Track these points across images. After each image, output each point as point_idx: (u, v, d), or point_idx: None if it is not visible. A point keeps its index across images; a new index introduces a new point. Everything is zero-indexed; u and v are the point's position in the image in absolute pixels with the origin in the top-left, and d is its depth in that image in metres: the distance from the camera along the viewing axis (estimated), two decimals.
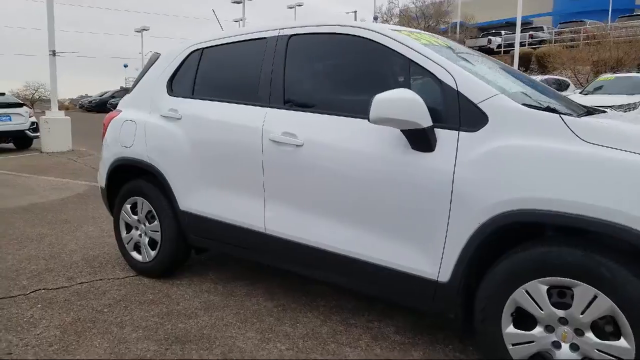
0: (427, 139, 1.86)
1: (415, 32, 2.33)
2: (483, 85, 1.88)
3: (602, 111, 2.33)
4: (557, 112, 1.76)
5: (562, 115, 1.73)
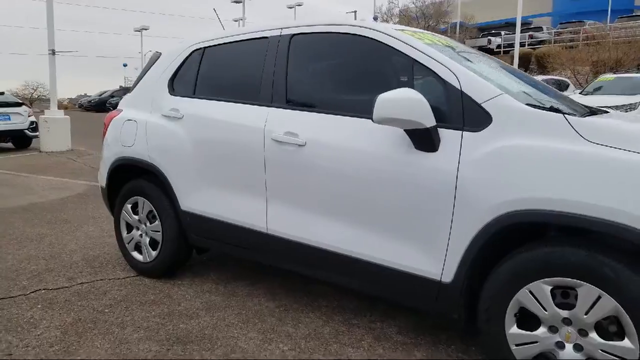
0: (431, 139, 1.85)
1: (418, 32, 2.33)
2: (487, 85, 1.87)
3: (605, 111, 2.32)
4: (561, 112, 1.76)
5: (566, 115, 1.73)
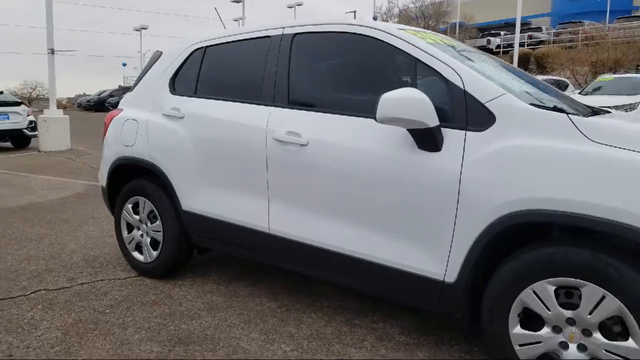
0: (434, 139, 1.84)
1: (420, 31, 2.32)
2: (490, 84, 1.87)
3: (607, 111, 2.32)
4: (565, 112, 1.75)
5: (570, 115, 1.73)
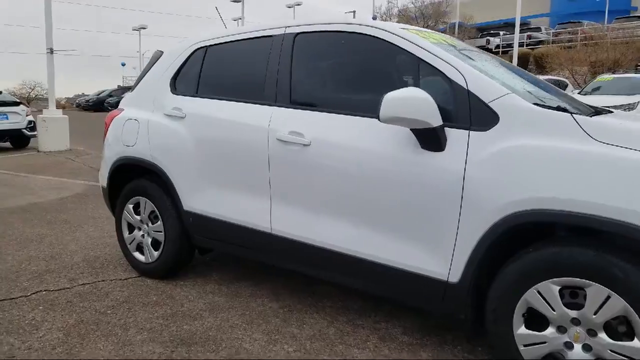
0: (437, 139, 1.84)
1: (423, 31, 2.32)
2: (493, 84, 1.86)
3: (609, 111, 2.32)
4: (568, 112, 1.75)
5: (574, 114, 1.72)
